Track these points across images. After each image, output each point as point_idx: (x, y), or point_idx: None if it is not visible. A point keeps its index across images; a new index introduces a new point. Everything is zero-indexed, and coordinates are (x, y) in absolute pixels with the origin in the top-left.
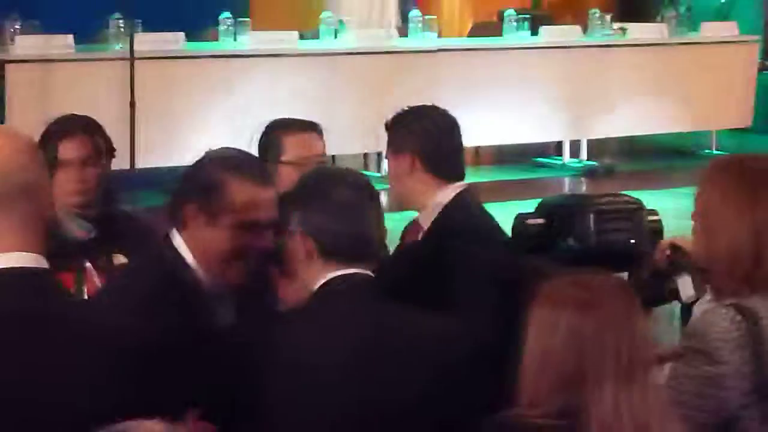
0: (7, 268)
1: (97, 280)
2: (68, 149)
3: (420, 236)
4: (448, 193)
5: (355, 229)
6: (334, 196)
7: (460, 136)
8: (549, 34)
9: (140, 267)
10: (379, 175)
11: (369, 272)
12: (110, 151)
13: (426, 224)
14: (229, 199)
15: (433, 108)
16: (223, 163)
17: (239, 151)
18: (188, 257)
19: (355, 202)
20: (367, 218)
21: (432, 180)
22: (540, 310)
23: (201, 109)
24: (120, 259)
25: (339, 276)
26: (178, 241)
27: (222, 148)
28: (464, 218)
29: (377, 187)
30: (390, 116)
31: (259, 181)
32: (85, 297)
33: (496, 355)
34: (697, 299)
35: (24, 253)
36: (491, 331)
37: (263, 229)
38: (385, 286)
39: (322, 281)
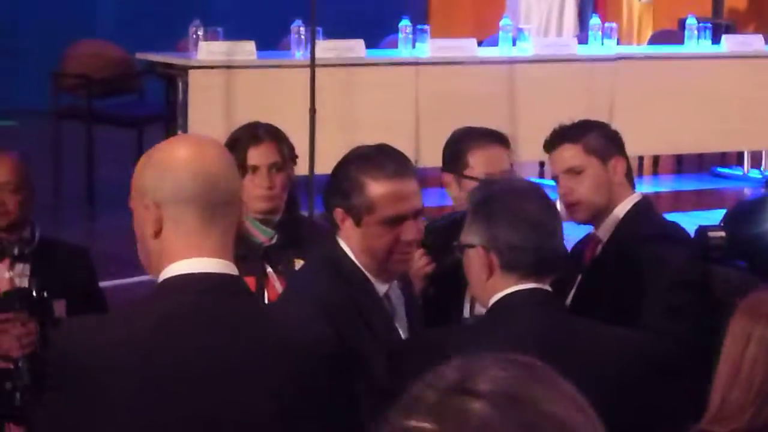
0: (210, 273)
1: (278, 286)
2: (257, 155)
3: (599, 249)
4: (625, 204)
5: (541, 243)
6: (522, 212)
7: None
8: (731, 42)
9: (312, 270)
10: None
11: (547, 287)
12: (293, 158)
13: (604, 236)
14: (369, 198)
15: (589, 120)
16: (359, 163)
17: (376, 147)
18: (353, 257)
19: (543, 218)
20: (554, 233)
21: (628, 187)
22: (737, 321)
23: (380, 116)
24: (300, 264)
25: (518, 291)
26: (342, 243)
27: (359, 146)
28: (648, 222)
29: (553, 196)
30: (559, 132)
31: (395, 175)
32: (266, 302)
33: (684, 364)
34: None
35: (222, 260)
36: (687, 332)
37: (410, 221)
38: (568, 303)
39: (500, 295)
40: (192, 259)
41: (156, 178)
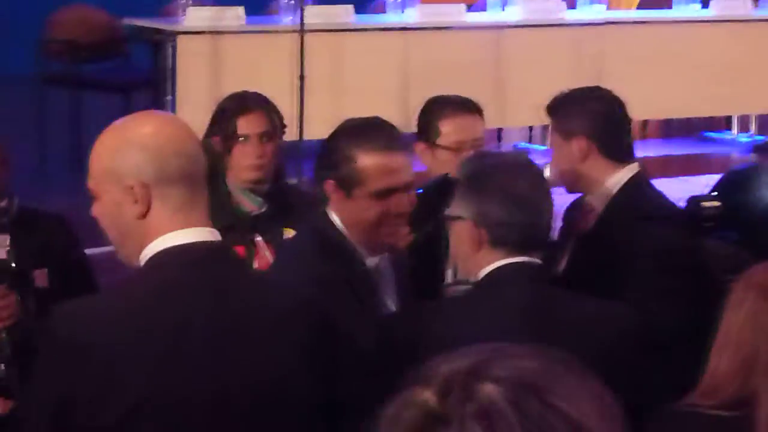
0: (200, 242)
1: (267, 255)
2: (247, 125)
3: (592, 219)
4: (621, 175)
5: (531, 221)
6: (512, 189)
7: (629, 116)
8: (719, 6)
9: (302, 241)
10: (544, 148)
11: (536, 260)
12: (282, 127)
13: (599, 206)
14: (359, 170)
15: (598, 88)
16: (349, 135)
17: (367, 119)
18: (343, 229)
19: (533, 195)
20: (543, 210)
21: (606, 164)
22: (735, 290)
23: (369, 82)
24: (290, 233)
25: (507, 264)
26: (332, 215)
27: (350, 119)
28: (642, 200)
29: (542, 160)
30: (553, 99)
31: (387, 148)
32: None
33: (675, 340)
34: None
35: (208, 229)
36: (673, 318)
37: (400, 193)
38: (560, 272)
39: (490, 269)
40: (178, 231)
41: (138, 159)
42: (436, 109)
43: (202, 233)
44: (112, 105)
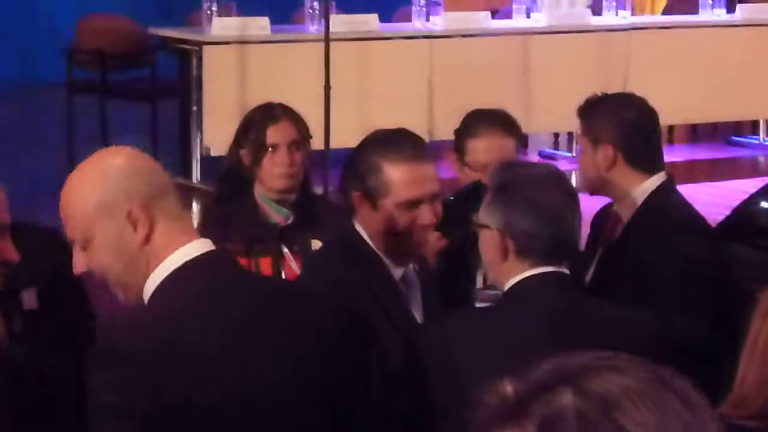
0: (208, 252)
1: (294, 266)
2: (276, 134)
3: (619, 228)
4: (648, 185)
5: (557, 233)
6: (539, 201)
7: (659, 126)
8: (745, 11)
9: (328, 252)
10: (570, 154)
11: (563, 269)
12: (309, 137)
13: (625, 215)
14: (386, 181)
15: (631, 96)
16: (375, 146)
17: (393, 131)
18: (369, 240)
19: (560, 208)
20: (570, 223)
21: (634, 173)
22: (762, 299)
23: (395, 90)
24: (317, 244)
25: (534, 275)
26: (358, 226)
27: (376, 130)
28: (669, 210)
29: (568, 167)
30: (585, 101)
31: (413, 159)
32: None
33: (700, 350)
34: None
35: (205, 239)
36: (698, 328)
37: (427, 204)
38: (588, 281)
39: (516, 279)
40: (190, 244)
41: (125, 184)
42: (470, 124)
43: (206, 243)
44: (139, 114)
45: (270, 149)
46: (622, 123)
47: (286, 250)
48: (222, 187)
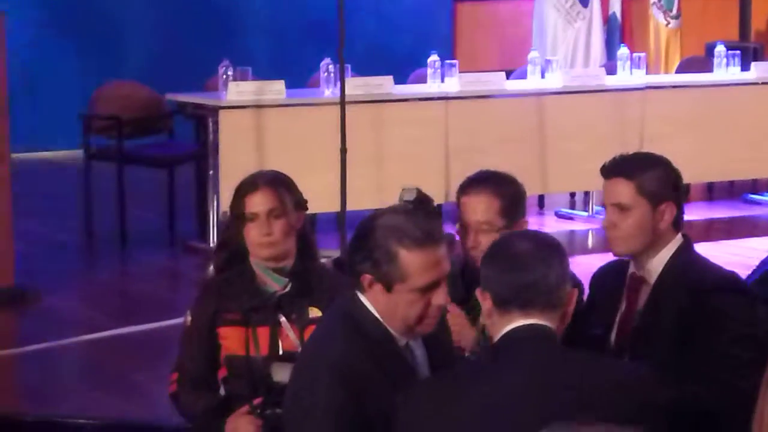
0: None
1: (291, 335)
2: (254, 203)
3: (643, 290)
4: (672, 244)
5: (523, 278)
6: (510, 253)
7: None
8: (760, 69)
9: (332, 324)
10: (586, 214)
11: (544, 323)
12: (301, 205)
13: (648, 276)
14: (402, 268)
15: (658, 155)
16: (391, 232)
17: (404, 212)
18: (376, 313)
19: (529, 253)
20: (540, 268)
21: (674, 232)
22: None
23: (410, 151)
24: (315, 312)
25: (516, 328)
26: (364, 300)
27: (389, 211)
28: (697, 269)
29: (584, 227)
30: (624, 160)
31: (427, 242)
32: (281, 353)
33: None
34: None
35: None
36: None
37: (442, 284)
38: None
39: (502, 333)
40: None
41: None
42: (462, 182)
43: None
44: (156, 180)
45: (249, 219)
46: (676, 180)
47: (283, 319)
48: (219, 256)
